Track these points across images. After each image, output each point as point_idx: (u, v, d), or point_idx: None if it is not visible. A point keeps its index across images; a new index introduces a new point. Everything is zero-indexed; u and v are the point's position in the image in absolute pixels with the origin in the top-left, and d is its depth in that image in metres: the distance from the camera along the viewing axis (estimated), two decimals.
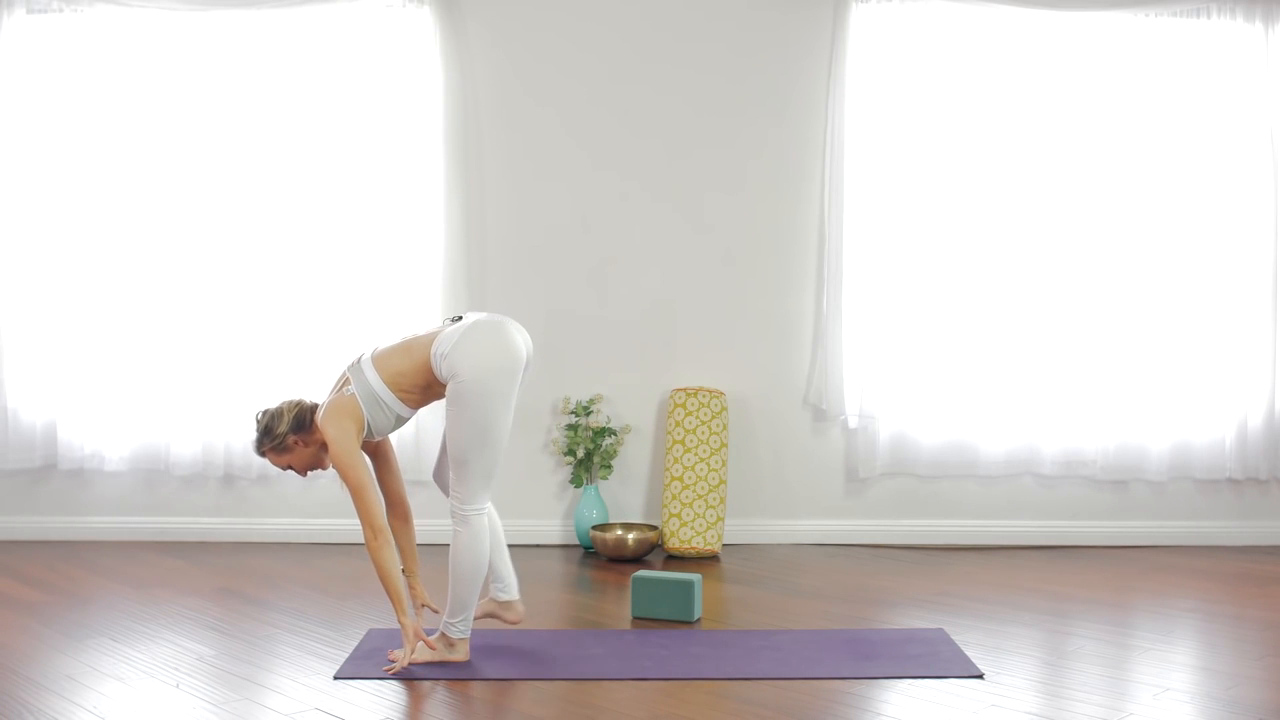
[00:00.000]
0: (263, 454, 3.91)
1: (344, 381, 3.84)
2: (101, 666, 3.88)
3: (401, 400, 3.81)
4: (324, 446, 3.86)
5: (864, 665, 3.86)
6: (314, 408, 3.90)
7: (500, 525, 3.98)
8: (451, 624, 3.87)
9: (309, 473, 3.96)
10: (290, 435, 3.84)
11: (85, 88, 5.65)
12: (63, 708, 3.50)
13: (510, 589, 4.07)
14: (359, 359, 3.87)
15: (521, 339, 3.81)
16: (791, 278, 5.74)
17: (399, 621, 3.79)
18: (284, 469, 3.94)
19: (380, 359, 3.82)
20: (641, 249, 5.73)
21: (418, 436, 5.60)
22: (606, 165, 5.72)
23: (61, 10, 5.62)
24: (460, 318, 3.84)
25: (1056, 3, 5.54)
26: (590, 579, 5.18)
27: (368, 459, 3.92)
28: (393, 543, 3.78)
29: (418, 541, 4.15)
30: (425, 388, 3.81)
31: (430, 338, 3.80)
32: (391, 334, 4.34)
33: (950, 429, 5.68)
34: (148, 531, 5.75)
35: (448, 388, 3.71)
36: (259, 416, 3.90)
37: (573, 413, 5.63)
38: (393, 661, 3.82)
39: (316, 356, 5.55)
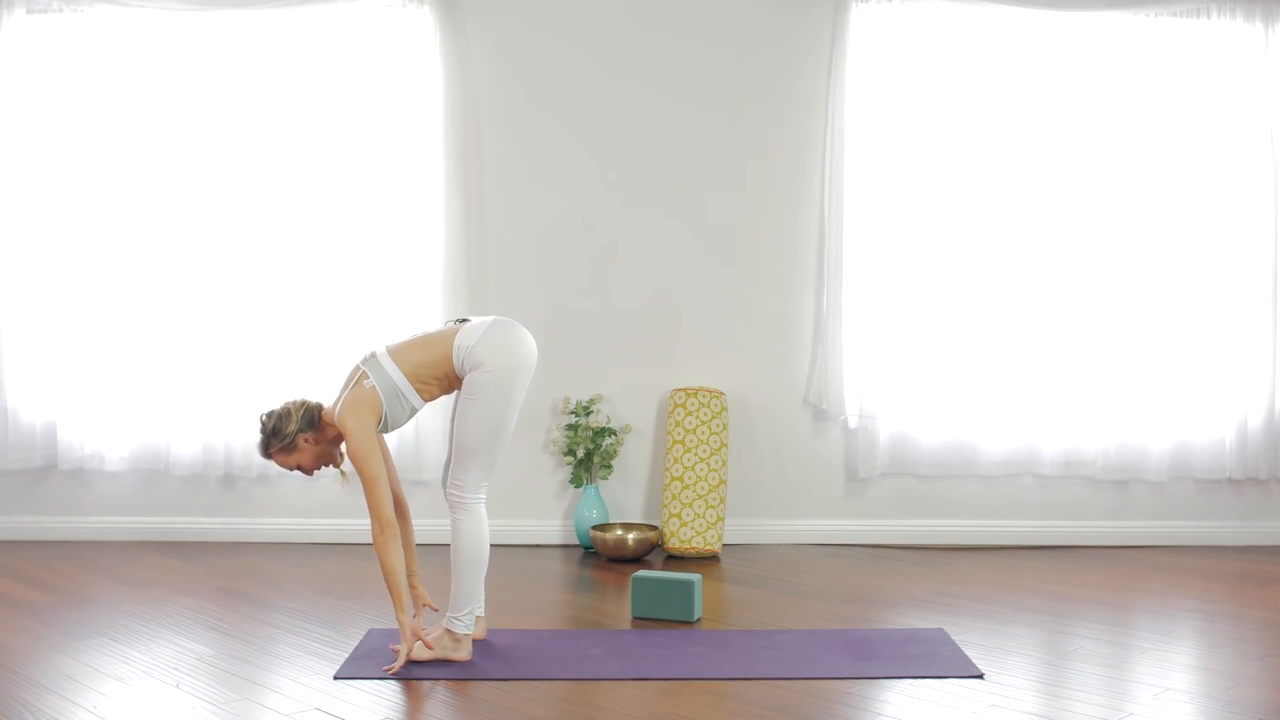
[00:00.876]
0: (269, 456, 3.91)
1: (360, 375, 3.84)
2: (101, 666, 3.88)
3: (419, 392, 3.86)
4: (334, 442, 3.92)
5: (864, 665, 3.87)
6: (319, 406, 3.92)
7: (489, 539, 3.96)
8: (456, 618, 3.87)
9: (315, 470, 3.98)
10: (301, 434, 3.86)
11: (85, 88, 5.65)
12: (63, 708, 3.50)
13: (480, 605, 4.07)
14: (373, 354, 3.88)
15: (533, 343, 3.94)
16: (791, 278, 5.74)
17: (397, 619, 3.80)
18: (291, 469, 3.95)
19: (397, 353, 3.86)
20: (642, 249, 5.73)
21: (418, 437, 5.60)
22: (607, 165, 5.72)
23: (61, 10, 5.62)
24: (466, 320, 3.91)
25: (1056, 3, 5.54)
26: (590, 579, 5.18)
27: None
28: (399, 539, 3.80)
29: (417, 541, 4.15)
30: (443, 380, 3.88)
31: (450, 332, 3.87)
32: (394, 333, 4.36)
33: (950, 429, 5.68)
34: (148, 531, 5.75)
35: (468, 378, 3.80)
36: (264, 419, 3.91)
37: (573, 413, 5.63)
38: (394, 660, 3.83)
39: (316, 356, 5.57)
